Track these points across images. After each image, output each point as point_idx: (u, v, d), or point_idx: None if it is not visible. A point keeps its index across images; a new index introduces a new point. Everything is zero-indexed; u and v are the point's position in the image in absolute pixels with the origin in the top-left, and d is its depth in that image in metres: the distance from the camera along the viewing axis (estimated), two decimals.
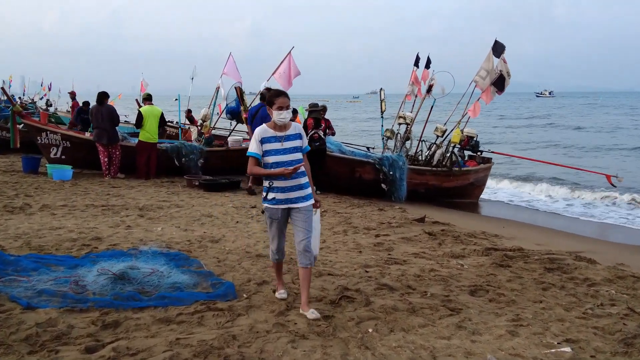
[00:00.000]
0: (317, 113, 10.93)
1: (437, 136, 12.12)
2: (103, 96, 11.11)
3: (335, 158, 11.15)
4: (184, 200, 9.01)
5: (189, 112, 16.97)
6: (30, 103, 26.91)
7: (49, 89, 34.28)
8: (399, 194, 11.22)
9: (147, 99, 11.56)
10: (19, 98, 33.09)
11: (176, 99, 12.80)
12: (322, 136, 10.80)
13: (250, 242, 6.35)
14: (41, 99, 32.97)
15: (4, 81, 24.50)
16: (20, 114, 10.83)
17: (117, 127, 11.32)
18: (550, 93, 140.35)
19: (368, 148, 14.21)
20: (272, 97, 4.19)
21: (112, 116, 11.08)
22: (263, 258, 5.62)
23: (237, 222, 7.54)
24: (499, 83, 11.73)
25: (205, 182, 10.44)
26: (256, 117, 9.55)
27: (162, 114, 11.58)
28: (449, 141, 11.96)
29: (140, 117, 11.14)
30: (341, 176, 11.18)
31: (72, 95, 22.73)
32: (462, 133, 12.05)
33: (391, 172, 11.14)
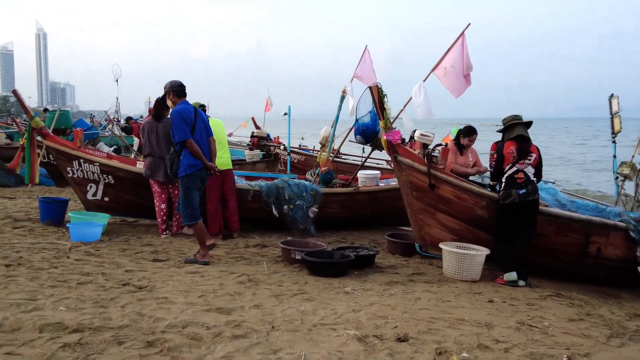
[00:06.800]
0: (521, 129, 5.76)
1: None
2: (161, 105, 6.72)
3: (555, 218, 5.89)
4: (260, 307, 4.24)
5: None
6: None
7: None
8: None
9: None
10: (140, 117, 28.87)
11: (285, 114, 8.57)
12: (532, 178, 5.69)
13: None
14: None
15: (118, 101, 21.81)
16: (41, 131, 6.91)
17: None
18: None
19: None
20: None
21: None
22: None
23: None
24: None
25: (314, 258, 5.66)
26: None
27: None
28: None
29: None
30: (565, 250, 5.90)
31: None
32: None
33: None
